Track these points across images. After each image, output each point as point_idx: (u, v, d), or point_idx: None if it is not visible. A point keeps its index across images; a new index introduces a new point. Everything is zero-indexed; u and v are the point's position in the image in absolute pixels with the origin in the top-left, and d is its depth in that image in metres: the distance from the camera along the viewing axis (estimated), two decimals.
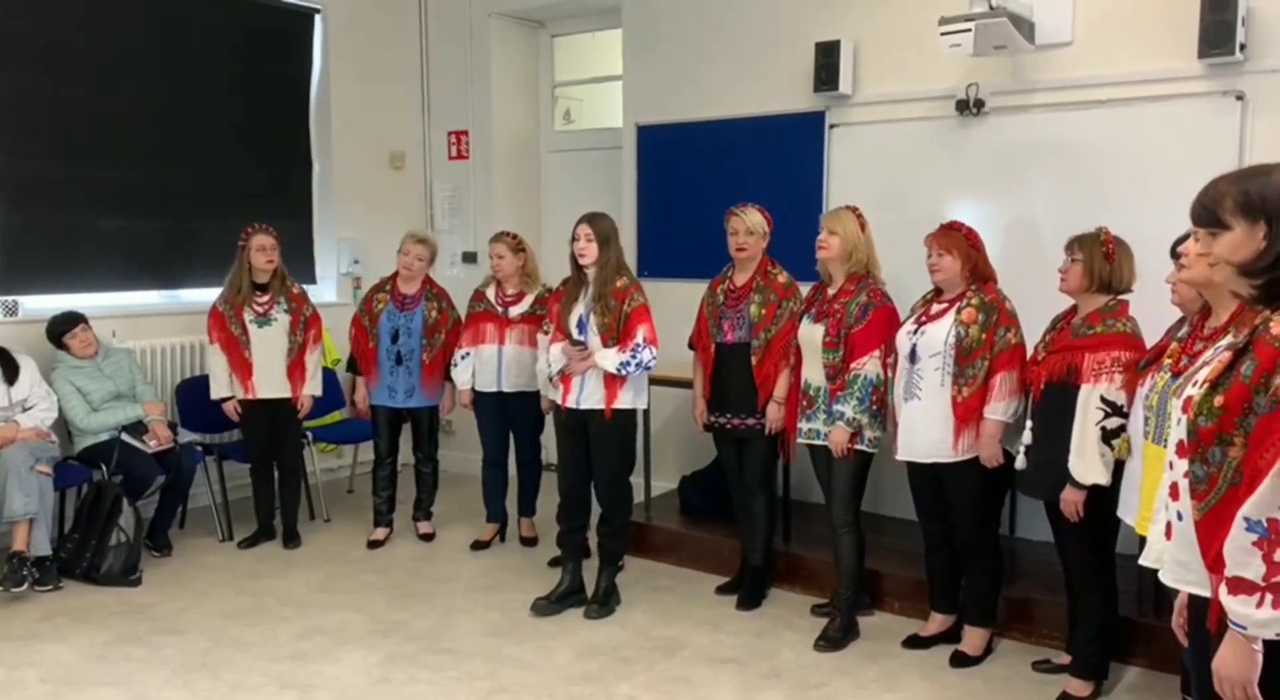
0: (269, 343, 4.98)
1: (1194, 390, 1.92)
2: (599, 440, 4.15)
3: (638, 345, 4.01)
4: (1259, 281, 1.84)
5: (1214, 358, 1.97)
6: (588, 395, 4.11)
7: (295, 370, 5.04)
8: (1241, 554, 1.75)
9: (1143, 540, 3.12)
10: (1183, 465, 1.94)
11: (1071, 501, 3.30)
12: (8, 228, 5.03)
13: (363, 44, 6.42)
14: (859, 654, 3.90)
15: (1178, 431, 1.96)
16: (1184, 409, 1.92)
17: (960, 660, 3.77)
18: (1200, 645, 1.94)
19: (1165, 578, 2.04)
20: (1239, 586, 1.76)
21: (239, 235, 5.03)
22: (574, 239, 4.11)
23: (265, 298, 5.01)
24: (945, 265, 3.66)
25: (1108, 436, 3.21)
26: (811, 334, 3.97)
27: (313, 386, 5.11)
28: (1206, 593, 1.89)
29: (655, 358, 4.09)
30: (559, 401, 4.22)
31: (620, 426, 4.15)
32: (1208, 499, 1.86)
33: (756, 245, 4.21)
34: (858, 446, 3.88)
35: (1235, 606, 1.77)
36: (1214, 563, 1.84)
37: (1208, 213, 1.89)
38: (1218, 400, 1.84)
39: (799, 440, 4.05)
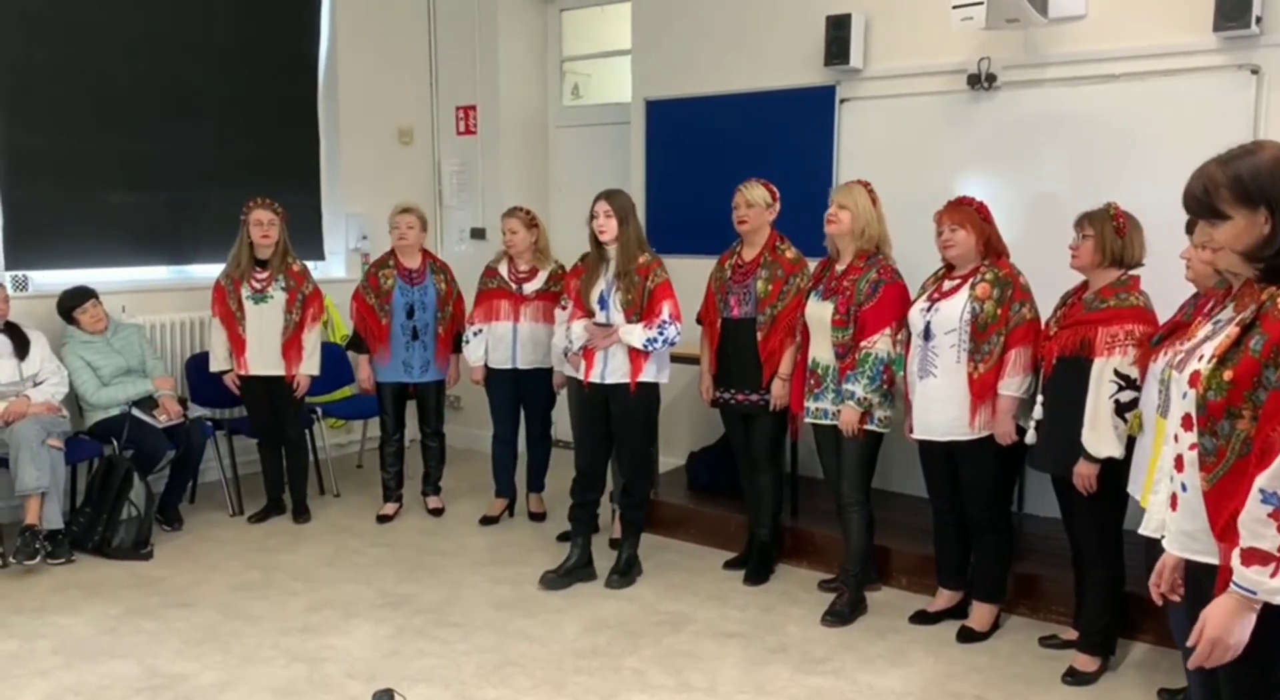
0: (263, 319, 4.97)
1: (1200, 365, 1.94)
2: (624, 415, 4.17)
3: (664, 321, 4.04)
4: (1263, 264, 1.87)
5: (1215, 332, 2.00)
6: (612, 370, 4.13)
7: (290, 348, 5.01)
8: (1257, 525, 1.79)
9: None
10: (1189, 437, 1.96)
11: (1085, 475, 3.29)
12: (18, 203, 5.03)
13: (370, 18, 6.39)
14: (866, 629, 3.91)
15: (1184, 405, 1.97)
16: (1191, 383, 1.94)
17: (968, 636, 3.78)
18: (1197, 612, 1.96)
19: (1171, 547, 2.07)
20: (1254, 557, 1.80)
21: None
22: (593, 217, 4.11)
23: (264, 274, 4.98)
24: (959, 240, 3.63)
25: (1121, 409, 3.20)
26: (820, 312, 3.95)
27: (309, 365, 5.05)
28: (1213, 560, 1.93)
29: (680, 333, 4.11)
30: (581, 377, 4.21)
31: (644, 400, 4.18)
32: (1216, 471, 1.90)
33: (758, 218, 4.19)
34: (867, 426, 3.87)
35: (1249, 574, 1.81)
36: (1222, 532, 1.89)
37: (1204, 205, 1.91)
38: (1226, 375, 1.86)
39: (806, 419, 4.04)
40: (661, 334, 4.05)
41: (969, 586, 3.91)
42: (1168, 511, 2.08)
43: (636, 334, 4.06)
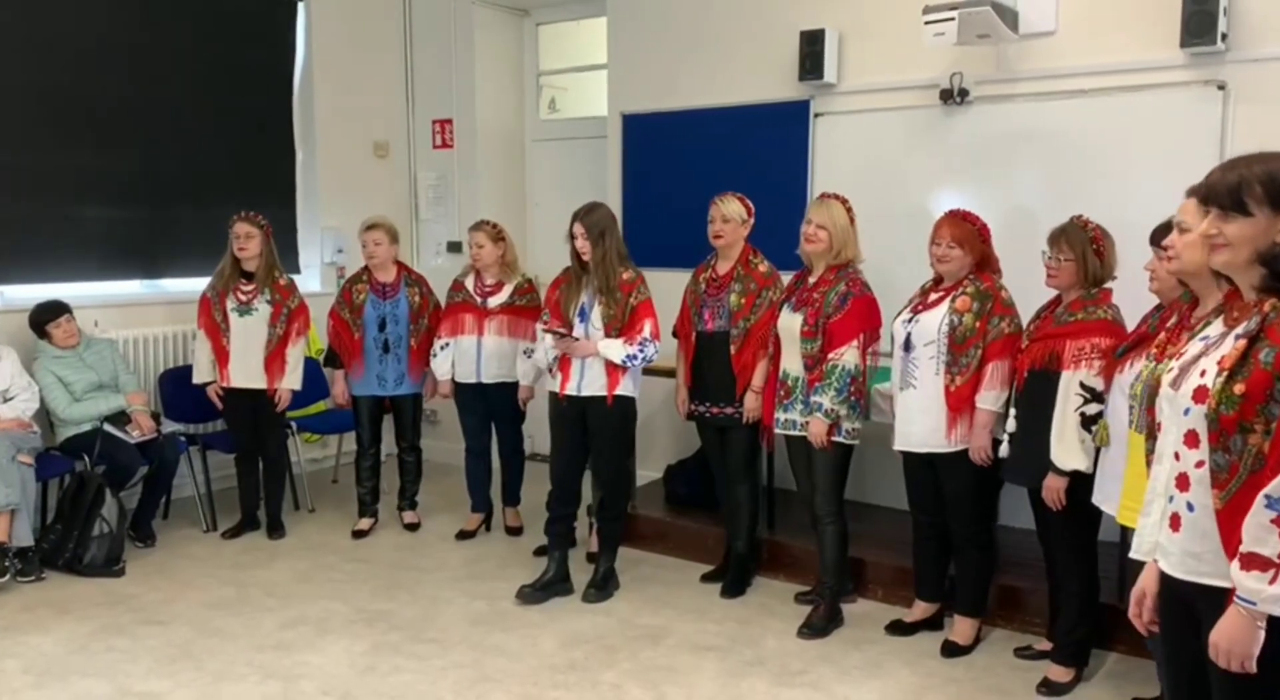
0: (248, 333, 4.96)
1: (1204, 379, 1.89)
2: (600, 428, 4.18)
3: (644, 339, 4.06)
4: (1266, 270, 1.85)
5: (1209, 347, 1.96)
6: (589, 383, 4.13)
7: (273, 362, 4.99)
8: (1259, 531, 1.76)
9: (1123, 529, 3.14)
10: (1193, 455, 1.91)
11: (1054, 489, 3.31)
12: None
13: (346, 32, 6.38)
14: (842, 641, 3.91)
15: (1187, 422, 1.92)
16: (1197, 399, 1.89)
17: (952, 650, 3.78)
18: (1182, 635, 1.93)
19: (1173, 570, 1.98)
20: (1253, 562, 1.77)
21: (221, 224, 5.02)
22: (571, 238, 4.13)
23: (250, 287, 4.98)
24: (955, 257, 3.62)
25: (1087, 422, 3.23)
26: (790, 323, 3.96)
27: (292, 380, 5.04)
28: (1221, 583, 1.87)
29: (658, 351, 4.13)
30: (557, 389, 4.21)
31: (621, 413, 4.18)
32: (1229, 487, 1.85)
33: (733, 233, 4.21)
34: (836, 438, 3.88)
35: (1248, 582, 1.77)
36: (1236, 550, 1.83)
37: (1232, 196, 1.86)
38: (1238, 388, 1.83)
39: (776, 430, 4.06)
40: (642, 350, 4.07)
41: (946, 598, 3.92)
42: (1166, 533, 1.99)
43: (616, 349, 4.07)
